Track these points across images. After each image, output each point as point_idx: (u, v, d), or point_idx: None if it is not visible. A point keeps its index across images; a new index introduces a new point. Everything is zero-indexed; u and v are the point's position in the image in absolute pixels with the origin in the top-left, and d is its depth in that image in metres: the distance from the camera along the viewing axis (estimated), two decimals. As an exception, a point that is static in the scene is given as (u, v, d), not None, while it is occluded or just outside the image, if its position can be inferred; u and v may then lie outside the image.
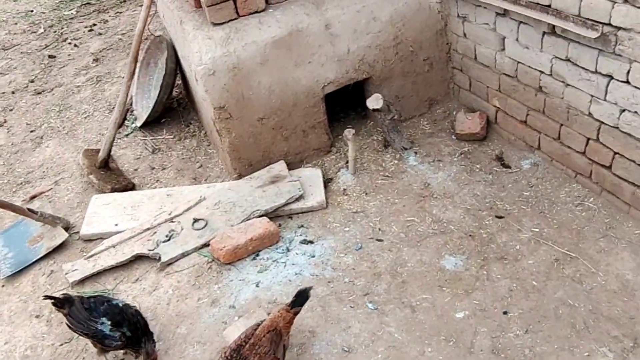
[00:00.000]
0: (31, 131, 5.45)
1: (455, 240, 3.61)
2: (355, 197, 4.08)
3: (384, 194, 4.05)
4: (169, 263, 3.74)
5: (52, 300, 3.15)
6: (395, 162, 4.31)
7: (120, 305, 3.16)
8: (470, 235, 3.62)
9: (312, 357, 3.06)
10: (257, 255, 3.72)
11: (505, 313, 3.14)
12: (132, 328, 3.05)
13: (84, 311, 3.05)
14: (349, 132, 4.06)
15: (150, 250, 3.80)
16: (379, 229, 3.79)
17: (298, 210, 4.01)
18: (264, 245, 3.74)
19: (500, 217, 3.72)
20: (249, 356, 2.68)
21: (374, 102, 4.15)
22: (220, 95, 3.94)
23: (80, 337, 3.18)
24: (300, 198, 4.02)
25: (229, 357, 2.69)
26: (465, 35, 4.32)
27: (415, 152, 4.35)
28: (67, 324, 3.11)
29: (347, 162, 4.29)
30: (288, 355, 3.04)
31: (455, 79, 4.67)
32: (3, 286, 3.83)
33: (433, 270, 3.45)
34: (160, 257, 3.75)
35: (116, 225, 4.05)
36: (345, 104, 4.82)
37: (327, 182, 4.22)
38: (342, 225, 3.87)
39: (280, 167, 4.26)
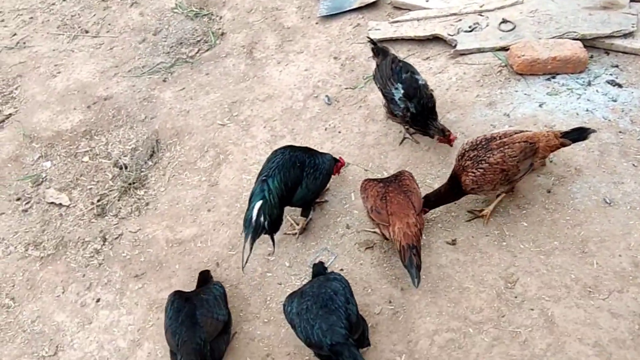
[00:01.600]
0: None
1: None
2: (699, 56, 3.38)
3: None
4: (463, 53, 3.69)
5: (373, 46, 3.37)
6: None
7: (421, 82, 3.14)
8: None
9: (568, 193, 2.90)
10: (554, 77, 3.43)
11: None
12: (419, 108, 3.08)
13: (389, 70, 3.21)
14: None
15: (449, 35, 3.77)
16: None
17: (620, 48, 3.48)
18: (565, 69, 3.41)
19: None
20: (494, 150, 2.62)
21: None
22: None
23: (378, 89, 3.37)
24: (629, 35, 3.46)
25: (476, 142, 2.69)
26: None
27: None
28: (373, 72, 3.35)
29: None
30: (543, 181, 2.93)
31: None
32: (317, 23, 4.26)
33: None
34: (456, 45, 3.71)
35: (427, 1, 4.05)
36: None
37: (672, 28, 3.53)
38: (666, 81, 3.30)
39: (623, -7, 3.65)
